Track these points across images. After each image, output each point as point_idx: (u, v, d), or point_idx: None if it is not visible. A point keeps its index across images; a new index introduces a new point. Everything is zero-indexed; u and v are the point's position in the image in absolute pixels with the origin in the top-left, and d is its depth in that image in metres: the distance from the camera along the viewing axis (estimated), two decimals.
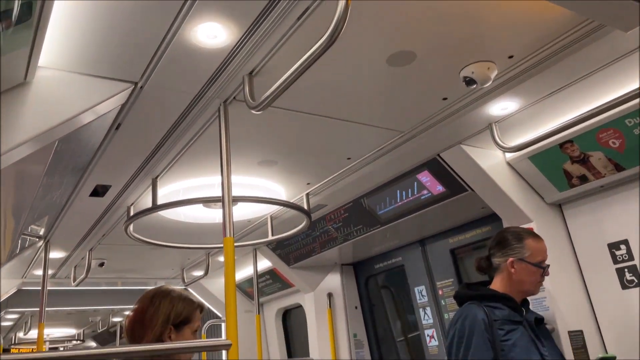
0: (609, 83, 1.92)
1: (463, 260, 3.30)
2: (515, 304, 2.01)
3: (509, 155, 2.45)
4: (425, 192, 2.72)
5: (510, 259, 2.02)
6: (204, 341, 2.86)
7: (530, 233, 2.08)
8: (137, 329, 1.64)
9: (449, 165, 2.50)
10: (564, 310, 2.25)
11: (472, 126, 2.21)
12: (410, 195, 2.81)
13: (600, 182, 2.26)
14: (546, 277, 2.09)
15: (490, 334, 1.89)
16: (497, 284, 2.07)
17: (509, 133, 2.25)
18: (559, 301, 2.26)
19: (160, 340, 1.61)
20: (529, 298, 2.11)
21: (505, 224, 2.49)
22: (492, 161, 2.42)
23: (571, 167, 2.28)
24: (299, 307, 4.71)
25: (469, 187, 2.52)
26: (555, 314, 2.23)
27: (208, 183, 2.62)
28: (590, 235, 2.35)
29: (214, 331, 5.27)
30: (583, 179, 2.29)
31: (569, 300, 2.29)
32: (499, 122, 2.18)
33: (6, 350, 6.70)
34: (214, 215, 3.04)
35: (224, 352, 4.88)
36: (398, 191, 2.84)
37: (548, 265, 2.04)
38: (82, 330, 6.86)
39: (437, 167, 2.55)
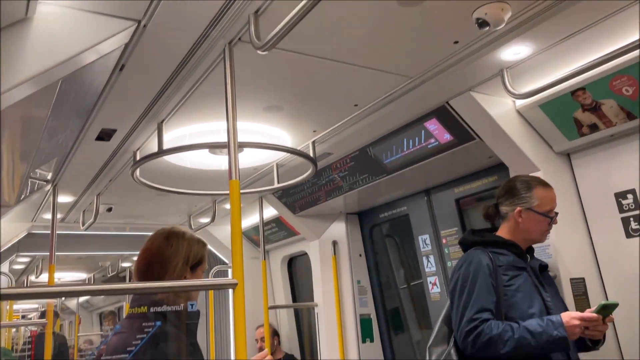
0: (627, 27, 1.85)
1: (467, 211, 3.31)
2: (520, 250, 2.03)
3: (518, 103, 2.41)
4: (432, 140, 2.69)
5: (518, 209, 2.02)
6: (211, 280, 2.92)
7: (540, 182, 2.07)
8: (155, 268, 1.67)
9: (457, 113, 2.46)
10: (566, 258, 2.27)
11: (482, 72, 2.16)
12: (417, 144, 2.78)
13: (611, 130, 2.22)
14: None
15: (494, 279, 1.92)
16: (504, 231, 2.08)
17: (520, 80, 2.19)
18: (562, 249, 2.27)
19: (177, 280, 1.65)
20: (533, 245, 2.13)
21: (512, 174, 2.47)
22: (501, 109, 2.38)
23: (582, 115, 2.24)
24: (304, 255, 4.78)
25: (477, 136, 2.49)
26: (558, 262, 2.25)
27: (214, 129, 2.60)
28: (597, 185, 2.34)
29: (221, 276, 5.38)
30: (593, 128, 2.26)
31: (572, 249, 2.30)
32: (511, 67, 2.13)
33: None
34: (220, 162, 3.04)
35: (230, 293, 4.99)
36: (405, 140, 2.82)
37: (556, 214, 2.04)
38: (92, 275, 7.03)
39: (446, 115, 2.51)
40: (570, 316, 1.80)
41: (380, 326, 3.94)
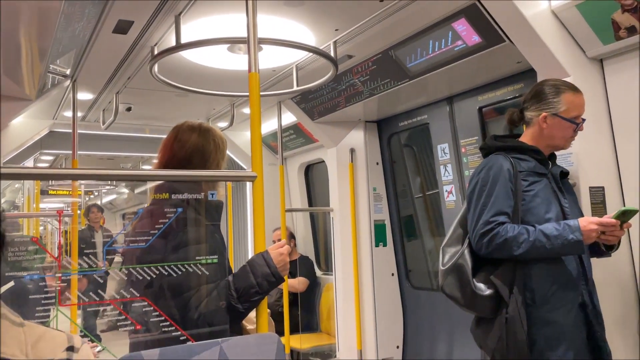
0: None
1: (489, 123, 3.26)
2: (542, 157, 2.00)
3: (554, 3, 2.26)
4: (459, 42, 2.58)
5: (544, 114, 1.97)
6: (231, 172, 2.97)
7: (570, 86, 1.99)
8: (196, 161, 1.73)
9: (488, 13, 2.33)
10: (588, 166, 2.23)
11: None
12: (443, 47, 2.68)
13: None
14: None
15: (513, 184, 1.91)
16: (527, 137, 2.04)
17: None
18: (584, 158, 2.23)
19: None
20: (556, 152, 2.10)
21: (540, 79, 2.38)
22: (535, 9, 2.25)
23: (621, 16, 2.11)
24: (321, 163, 4.82)
25: (507, 38, 2.38)
26: (579, 170, 2.22)
27: (232, 25, 2.52)
28: (629, 92, 2.25)
29: (239, 185, 5.47)
30: (631, 31, 2.13)
31: (594, 157, 2.26)
32: None
33: (44, 192, 7.15)
34: (239, 62, 2.98)
35: (248, 192, 5.10)
36: (430, 41, 2.71)
37: (583, 121, 1.99)
38: None
39: (476, 15, 2.38)
40: (588, 221, 1.80)
41: (393, 232, 4.03)
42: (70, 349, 1.04)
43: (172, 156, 1.74)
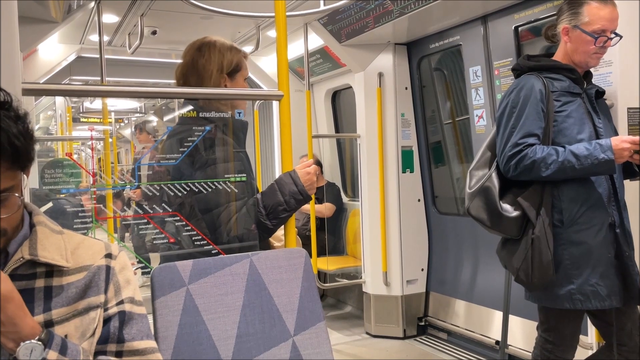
0: None
1: (525, 46, 3.11)
2: (577, 75, 1.92)
3: None
4: None
5: (564, 26, 1.88)
6: (257, 90, 2.96)
7: None
8: (192, 80, 1.68)
9: None
10: (628, 86, 2.14)
11: None
12: None
13: None
14: (616, 51, 1.94)
15: (545, 104, 1.85)
16: (560, 55, 1.96)
17: None
18: (625, 77, 2.13)
19: None
20: (592, 71, 2.01)
21: None
22: None
23: None
24: (348, 89, 4.74)
25: None
26: (618, 91, 2.13)
27: None
28: None
29: (266, 108, 5.44)
30: None
31: (635, 77, 2.16)
32: None
33: (76, 119, 7.27)
34: None
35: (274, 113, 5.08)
36: None
37: (617, 36, 1.87)
38: (143, 104, 7.25)
39: None
40: (621, 139, 1.75)
41: (421, 158, 4.00)
42: (109, 255, 1.09)
43: (175, 81, 1.72)
